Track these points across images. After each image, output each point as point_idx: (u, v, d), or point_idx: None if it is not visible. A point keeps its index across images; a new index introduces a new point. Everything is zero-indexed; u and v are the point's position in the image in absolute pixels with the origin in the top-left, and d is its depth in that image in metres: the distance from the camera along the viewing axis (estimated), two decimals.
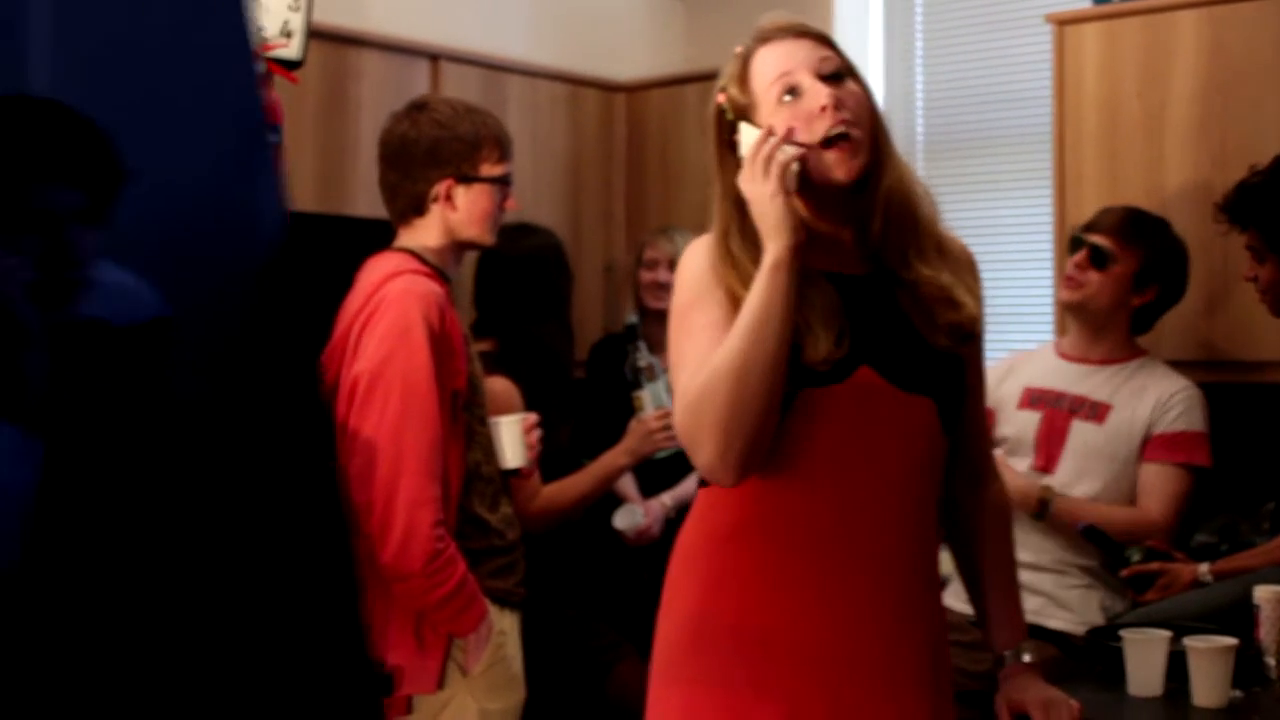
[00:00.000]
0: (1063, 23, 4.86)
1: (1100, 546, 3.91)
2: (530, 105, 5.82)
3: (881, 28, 6.05)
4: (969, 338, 2.68)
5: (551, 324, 4.67)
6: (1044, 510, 3.99)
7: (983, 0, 5.81)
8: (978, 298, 2.70)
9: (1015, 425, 4.19)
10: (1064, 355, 4.24)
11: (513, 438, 3.70)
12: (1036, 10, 5.41)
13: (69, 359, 2.39)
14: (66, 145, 2.40)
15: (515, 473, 3.71)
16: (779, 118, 2.58)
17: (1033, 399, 4.20)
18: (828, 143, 2.56)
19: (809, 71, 2.58)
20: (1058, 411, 4.13)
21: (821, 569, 2.57)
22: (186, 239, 2.92)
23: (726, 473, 2.54)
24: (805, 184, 2.56)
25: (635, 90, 6.21)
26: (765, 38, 2.64)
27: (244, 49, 2.88)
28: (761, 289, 2.50)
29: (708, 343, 2.56)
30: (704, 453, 2.53)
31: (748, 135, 2.60)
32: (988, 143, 5.73)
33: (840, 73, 2.60)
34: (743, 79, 2.64)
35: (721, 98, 2.66)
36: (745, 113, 2.63)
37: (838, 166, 2.57)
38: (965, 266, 2.73)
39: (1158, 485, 4.02)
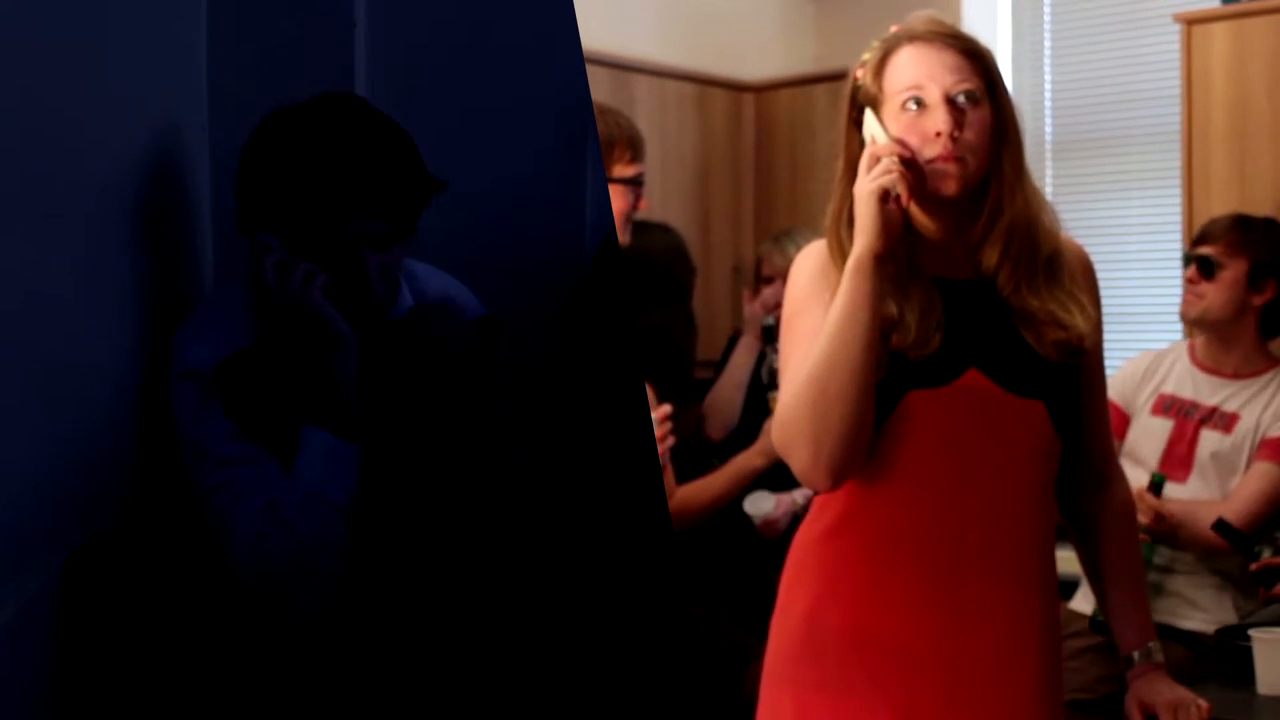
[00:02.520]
0: (1191, 22, 4.84)
1: (1230, 540, 3.88)
2: (658, 105, 5.83)
3: (1010, 28, 6.05)
4: (1078, 354, 2.64)
5: (674, 319, 4.67)
6: None
7: (1112, 0, 5.81)
8: (1089, 315, 2.64)
9: (1146, 431, 4.18)
10: (1198, 364, 4.19)
11: None
12: (1165, 9, 5.39)
13: (379, 364, 2.42)
14: (379, 172, 2.39)
15: None
16: (899, 124, 2.57)
17: (1165, 406, 4.17)
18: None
19: (940, 89, 2.55)
20: (1188, 421, 4.11)
21: (932, 571, 2.57)
22: (506, 243, 2.97)
23: (820, 479, 2.57)
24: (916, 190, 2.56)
25: (764, 90, 6.23)
26: (913, 36, 2.60)
27: (568, 49, 2.88)
28: (843, 292, 2.51)
29: (808, 350, 2.57)
30: (796, 460, 2.57)
31: (869, 124, 2.60)
32: (1116, 142, 5.72)
33: (974, 95, 2.56)
34: (879, 70, 2.61)
35: (859, 73, 2.64)
36: (873, 102, 2.61)
37: (937, 181, 2.56)
38: (1080, 278, 2.69)
39: (1246, 481, 3.99)
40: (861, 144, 2.62)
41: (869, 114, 2.61)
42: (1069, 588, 4.17)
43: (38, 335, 2.02)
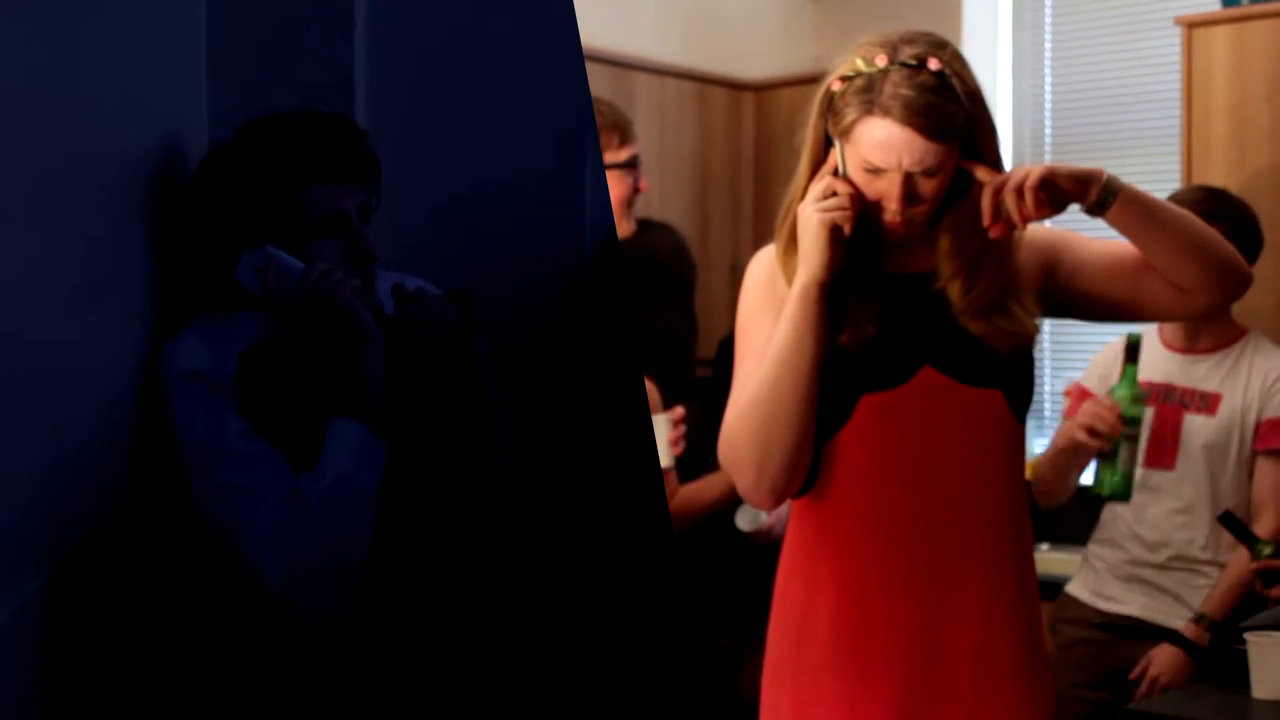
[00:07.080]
0: (1191, 25, 4.84)
1: (1235, 534, 3.84)
2: (658, 104, 5.83)
3: (1011, 29, 6.04)
4: (1029, 345, 2.68)
5: (677, 318, 4.66)
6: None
7: (1112, 2, 5.81)
8: (1030, 311, 2.67)
9: None
10: (1168, 345, 4.15)
11: (659, 436, 3.73)
12: (1166, 12, 5.39)
13: (397, 360, 2.43)
14: (348, 150, 2.47)
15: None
16: (858, 177, 2.58)
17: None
18: None
19: (900, 170, 2.53)
20: (1169, 405, 4.08)
21: (909, 563, 2.63)
22: (506, 241, 3.00)
23: (762, 500, 2.66)
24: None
25: (763, 89, 6.22)
26: (888, 110, 2.52)
27: (568, 48, 2.91)
28: (790, 318, 2.56)
29: (755, 365, 2.63)
30: (740, 480, 2.66)
31: (836, 149, 2.62)
32: (1116, 144, 5.71)
33: (933, 169, 2.54)
34: (853, 125, 2.56)
35: (837, 85, 2.60)
36: (840, 133, 2.59)
37: (880, 231, 2.62)
38: (1029, 270, 2.73)
39: (1268, 485, 3.97)
40: (827, 145, 2.64)
41: (837, 141, 2.61)
42: (1054, 588, 4.17)
43: (38, 337, 2.02)
